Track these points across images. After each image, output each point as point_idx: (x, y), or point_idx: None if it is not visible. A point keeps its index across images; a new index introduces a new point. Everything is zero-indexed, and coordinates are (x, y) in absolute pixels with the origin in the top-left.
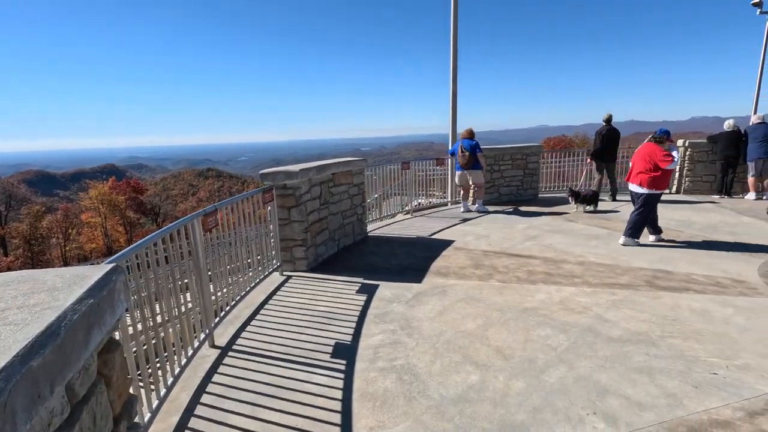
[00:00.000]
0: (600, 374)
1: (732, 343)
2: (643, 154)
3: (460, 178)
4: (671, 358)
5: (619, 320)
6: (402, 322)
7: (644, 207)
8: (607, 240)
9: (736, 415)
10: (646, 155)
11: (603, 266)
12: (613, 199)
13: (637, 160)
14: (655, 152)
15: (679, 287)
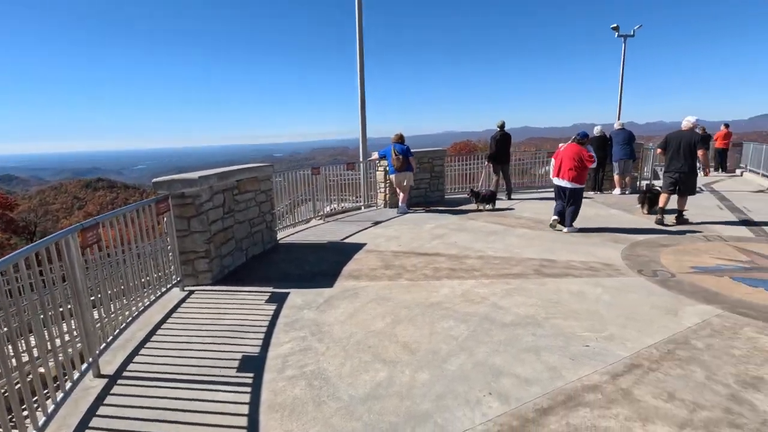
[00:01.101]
0: (495, 357)
1: (600, 318)
2: (571, 154)
3: (397, 180)
4: (553, 336)
5: (512, 307)
6: (313, 328)
7: (577, 200)
8: (503, 235)
9: (603, 378)
10: (573, 155)
11: (499, 259)
12: (508, 198)
13: (564, 159)
14: (582, 152)
15: (561, 273)
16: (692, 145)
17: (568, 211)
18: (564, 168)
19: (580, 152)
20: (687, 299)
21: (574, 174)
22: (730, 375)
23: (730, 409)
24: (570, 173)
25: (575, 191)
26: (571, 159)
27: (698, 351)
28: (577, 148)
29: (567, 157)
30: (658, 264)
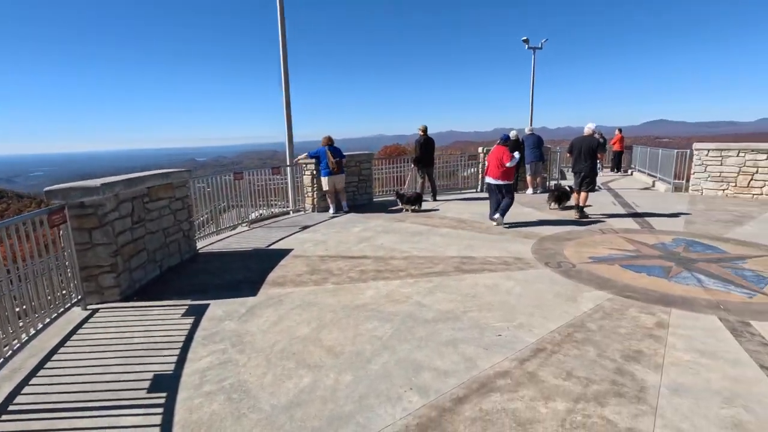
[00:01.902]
0: (417, 353)
1: (512, 309)
2: (498, 155)
3: (331, 182)
4: (470, 329)
5: (433, 303)
6: (234, 339)
7: (510, 194)
8: (428, 235)
9: (512, 365)
10: (497, 156)
11: (423, 258)
12: (434, 199)
13: (492, 159)
14: (504, 152)
15: (478, 269)
16: (593, 149)
17: (502, 205)
18: (491, 167)
19: (504, 153)
20: (584, 286)
21: (499, 172)
22: (616, 351)
23: (616, 380)
24: (496, 171)
25: (506, 187)
26: (496, 159)
27: (592, 332)
28: (501, 149)
29: (495, 157)
30: (562, 256)
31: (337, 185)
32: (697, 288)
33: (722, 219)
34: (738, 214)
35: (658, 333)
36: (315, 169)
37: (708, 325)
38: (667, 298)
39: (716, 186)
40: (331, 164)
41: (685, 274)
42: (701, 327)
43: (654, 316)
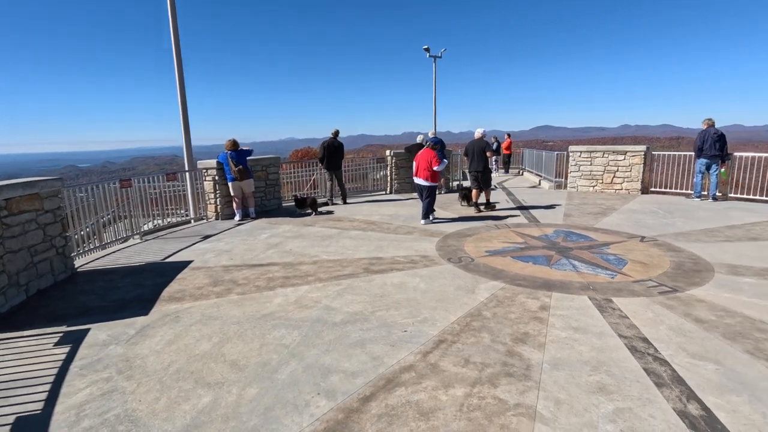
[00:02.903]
0: (325, 357)
1: (417, 305)
2: (427, 157)
3: (237, 187)
4: (378, 328)
5: (342, 306)
6: (121, 365)
7: (431, 195)
8: (337, 238)
9: (416, 358)
10: (428, 159)
11: (333, 262)
12: (344, 202)
13: (420, 162)
14: (434, 156)
15: (387, 269)
16: (483, 150)
17: (424, 205)
18: (420, 169)
19: (432, 156)
20: (481, 278)
21: (428, 174)
22: (507, 335)
23: (506, 362)
24: (424, 173)
25: (430, 188)
26: (425, 161)
27: (487, 320)
28: (429, 152)
29: (423, 159)
30: (463, 251)
31: (244, 190)
32: (573, 272)
33: (592, 212)
34: (604, 206)
35: (542, 315)
36: (218, 174)
37: (581, 304)
38: (549, 284)
39: (588, 183)
40: (234, 172)
41: (563, 261)
42: (575, 307)
43: (538, 300)
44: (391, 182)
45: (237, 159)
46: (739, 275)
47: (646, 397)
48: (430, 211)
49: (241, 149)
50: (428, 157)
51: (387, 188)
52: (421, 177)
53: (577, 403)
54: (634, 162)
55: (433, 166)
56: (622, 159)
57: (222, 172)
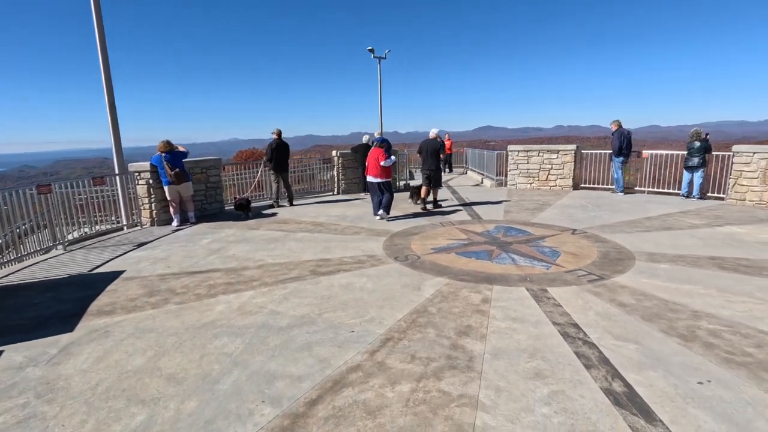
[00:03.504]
0: (270, 363)
1: (364, 304)
2: (376, 155)
3: (174, 191)
4: (325, 330)
5: (288, 310)
6: (41, 389)
7: (389, 191)
8: (284, 241)
9: (363, 357)
10: (376, 156)
11: (279, 265)
12: (290, 204)
13: (371, 160)
14: (380, 153)
15: (334, 270)
16: (436, 150)
17: (384, 200)
18: (371, 167)
19: (380, 154)
20: (427, 275)
21: (378, 171)
22: (452, 329)
23: (451, 355)
24: (375, 170)
25: (386, 184)
26: (375, 160)
27: (432, 315)
28: (378, 151)
29: (372, 158)
30: (409, 249)
31: (182, 194)
32: (512, 266)
33: (530, 207)
34: (541, 202)
35: (484, 308)
36: (152, 178)
37: (519, 295)
38: (490, 277)
39: (526, 180)
40: (169, 175)
41: (503, 255)
42: (514, 298)
43: (480, 294)
44: (338, 183)
45: (172, 161)
46: (656, 262)
47: (577, 379)
48: (390, 206)
49: (177, 151)
50: (376, 154)
51: (334, 189)
52: (372, 174)
53: (515, 390)
54: (566, 160)
55: (380, 161)
56: (555, 157)
57: (156, 175)
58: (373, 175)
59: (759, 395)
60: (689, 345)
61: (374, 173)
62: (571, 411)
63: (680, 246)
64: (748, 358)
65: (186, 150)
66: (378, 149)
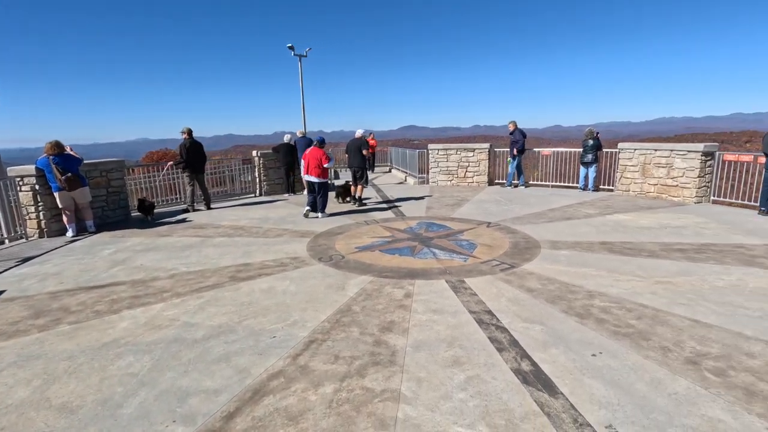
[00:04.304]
0: (183, 380)
1: (287, 308)
2: (317, 156)
3: (66, 198)
4: (245, 338)
5: (204, 320)
6: None
7: (325, 191)
8: (200, 248)
9: (286, 362)
10: (318, 157)
11: (194, 273)
12: (207, 207)
13: (310, 160)
14: (322, 154)
15: (255, 275)
16: (359, 148)
17: (319, 201)
18: (311, 167)
19: (321, 154)
20: (351, 274)
21: (319, 171)
22: (375, 326)
23: (374, 351)
24: (316, 171)
25: (322, 184)
26: (315, 159)
27: (356, 314)
28: (318, 151)
29: (312, 158)
30: (334, 249)
31: (77, 201)
32: (433, 260)
33: (450, 203)
34: (459, 198)
35: (406, 302)
36: (39, 183)
37: (439, 288)
38: (412, 272)
39: (446, 178)
40: (60, 181)
41: (425, 251)
42: (434, 291)
43: (403, 289)
44: (260, 184)
45: (64, 165)
46: (558, 249)
47: (490, 363)
48: (326, 205)
49: (69, 154)
50: (318, 155)
51: (256, 191)
52: (312, 174)
53: (435, 379)
54: (481, 158)
55: (323, 163)
56: (472, 156)
57: (44, 179)
58: (315, 175)
59: (639, 361)
60: (585, 322)
61: (315, 173)
62: (485, 393)
63: (578, 233)
64: (631, 329)
65: (80, 156)
66: (319, 150)
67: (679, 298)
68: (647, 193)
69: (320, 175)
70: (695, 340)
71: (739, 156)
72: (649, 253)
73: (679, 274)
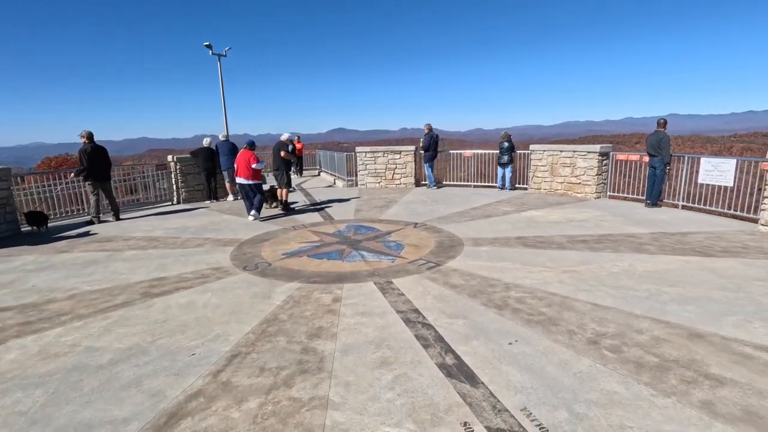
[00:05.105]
0: (85, 411)
1: (208, 322)
2: (246, 157)
3: None
4: (159, 359)
5: (111, 343)
6: None
7: (260, 191)
8: (107, 263)
9: (206, 381)
10: (246, 159)
11: (99, 292)
12: (116, 218)
13: (241, 162)
14: (251, 156)
15: (171, 289)
16: (278, 149)
17: (256, 202)
18: (241, 170)
19: (251, 156)
20: (278, 282)
21: (249, 173)
22: (303, 333)
23: (302, 360)
24: (245, 172)
25: (256, 186)
26: (245, 161)
27: (283, 322)
28: (248, 153)
29: (242, 160)
30: (260, 257)
31: None
32: (361, 262)
33: (378, 205)
34: (388, 200)
35: (334, 307)
36: None
37: (367, 290)
38: (341, 276)
39: (374, 180)
40: None
41: (354, 254)
42: (363, 293)
43: (332, 294)
44: (177, 191)
45: None
46: (479, 245)
47: (417, 360)
48: (261, 207)
49: None
50: (246, 157)
51: (174, 198)
52: (242, 176)
53: (363, 382)
54: (408, 160)
55: (251, 164)
56: (399, 158)
57: None
58: (245, 177)
59: (549, 345)
60: (502, 313)
61: (245, 175)
62: (411, 390)
63: (497, 230)
64: (542, 317)
65: None
66: (249, 152)
67: (583, 285)
68: (556, 190)
69: (251, 177)
70: (595, 321)
71: (628, 156)
72: (558, 246)
73: (582, 263)
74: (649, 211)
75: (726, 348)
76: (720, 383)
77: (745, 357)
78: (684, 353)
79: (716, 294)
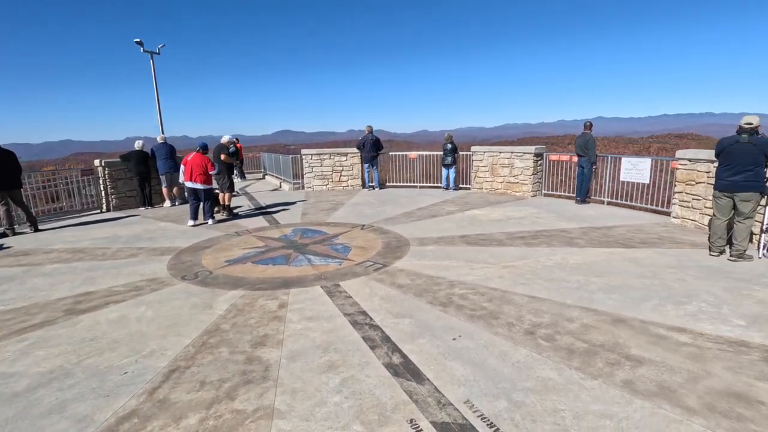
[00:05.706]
0: None
1: (142, 338)
2: (198, 161)
3: None
4: (86, 380)
5: (29, 367)
6: None
7: (209, 197)
8: (24, 279)
9: (140, 400)
10: (200, 162)
11: (14, 312)
12: (35, 230)
13: (194, 166)
14: (206, 160)
15: (100, 304)
16: (219, 152)
17: (207, 207)
18: (194, 174)
19: (205, 160)
20: (220, 290)
21: (203, 178)
22: (247, 342)
23: (246, 370)
24: (200, 177)
25: (207, 191)
26: (199, 166)
27: (225, 332)
28: (201, 157)
29: (195, 164)
30: (200, 266)
31: None
32: (308, 266)
33: (325, 208)
34: (335, 202)
35: (280, 313)
36: None
37: (314, 294)
38: (287, 282)
39: (321, 182)
40: None
41: (300, 258)
42: (310, 298)
43: (278, 300)
44: (107, 198)
45: None
46: (425, 245)
47: (364, 361)
48: (213, 211)
49: None
50: (202, 162)
51: (103, 206)
52: (197, 181)
53: (310, 387)
54: (355, 162)
55: (209, 170)
56: (345, 160)
57: None
58: (200, 181)
59: (490, 338)
60: (447, 310)
61: (200, 180)
62: (359, 392)
63: (441, 229)
64: (484, 311)
65: None
66: (203, 156)
67: (520, 279)
68: (496, 190)
69: (205, 182)
70: (532, 313)
71: (560, 156)
72: (498, 242)
73: (520, 258)
74: (578, 208)
75: (644, 330)
76: (639, 363)
77: (660, 338)
78: (609, 338)
79: (636, 282)
